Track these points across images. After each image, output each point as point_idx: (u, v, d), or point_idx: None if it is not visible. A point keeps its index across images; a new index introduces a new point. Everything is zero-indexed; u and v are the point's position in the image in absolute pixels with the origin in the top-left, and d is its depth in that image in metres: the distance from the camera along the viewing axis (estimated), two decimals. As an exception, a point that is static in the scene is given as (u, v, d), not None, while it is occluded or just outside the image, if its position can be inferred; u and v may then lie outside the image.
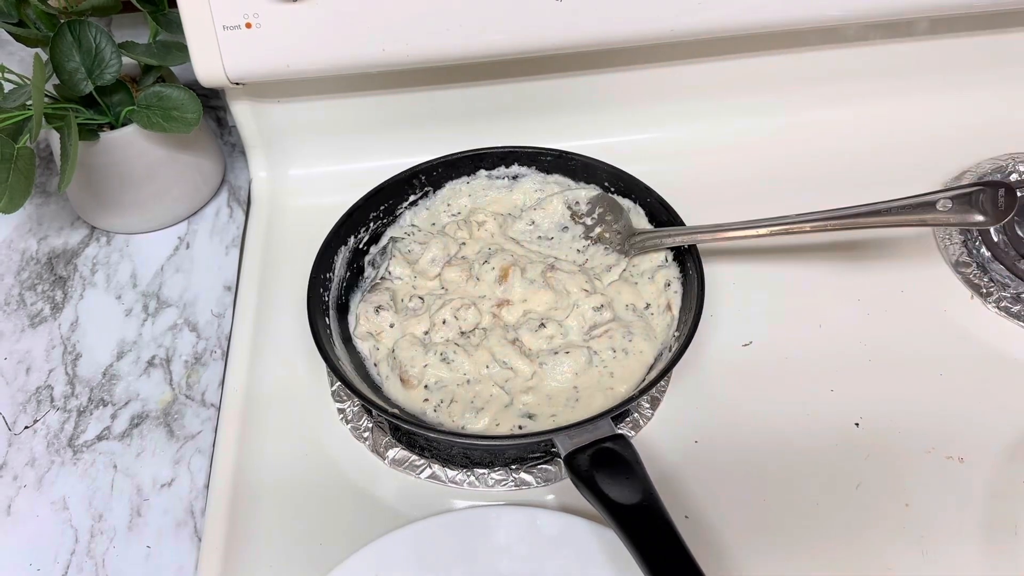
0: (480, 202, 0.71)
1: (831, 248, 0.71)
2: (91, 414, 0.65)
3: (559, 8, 0.65)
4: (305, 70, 0.68)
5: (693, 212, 0.66)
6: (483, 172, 0.71)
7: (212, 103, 0.86)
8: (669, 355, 0.59)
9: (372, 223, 0.69)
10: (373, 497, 0.59)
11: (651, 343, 0.62)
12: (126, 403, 0.66)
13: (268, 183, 0.78)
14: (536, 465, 0.60)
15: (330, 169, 0.78)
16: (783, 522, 0.57)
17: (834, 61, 0.76)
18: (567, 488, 0.56)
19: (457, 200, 0.71)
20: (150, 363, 0.68)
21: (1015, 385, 0.63)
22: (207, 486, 0.61)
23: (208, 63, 0.66)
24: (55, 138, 0.67)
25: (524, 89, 0.75)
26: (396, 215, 0.70)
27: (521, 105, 0.76)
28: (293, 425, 0.63)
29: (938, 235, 0.71)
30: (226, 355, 0.67)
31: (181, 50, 0.70)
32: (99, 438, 0.64)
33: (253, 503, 0.59)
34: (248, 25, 0.65)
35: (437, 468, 0.60)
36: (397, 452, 0.61)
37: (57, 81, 0.67)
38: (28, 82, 0.64)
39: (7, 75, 0.65)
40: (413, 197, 0.70)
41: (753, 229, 0.62)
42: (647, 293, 0.65)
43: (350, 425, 0.63)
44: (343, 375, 0.57)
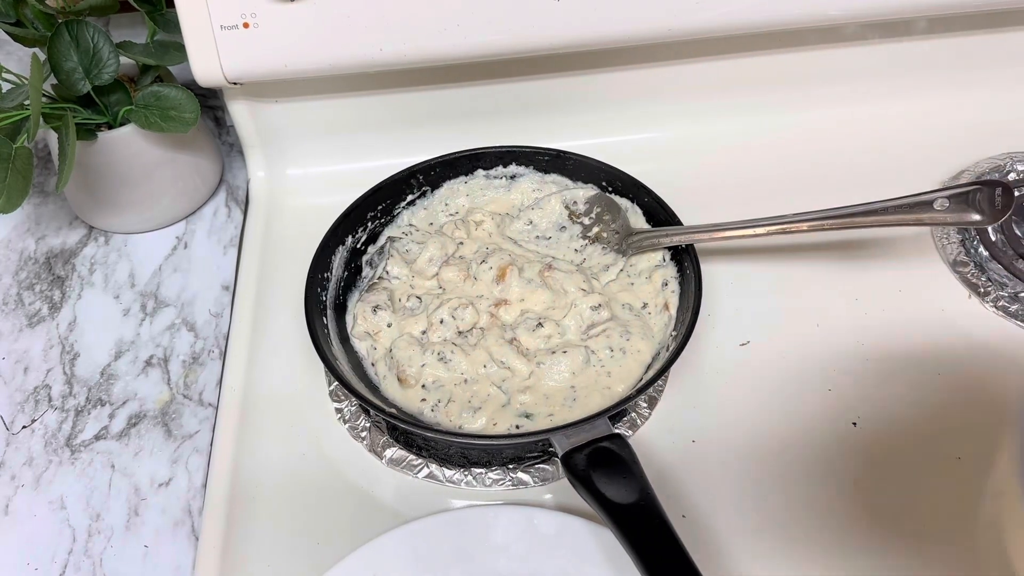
0: (478, 202, 0.71)
1: (828, 247, 0.71)
2: (89, 414, 0.65)
3: (557, 8, 0.65)
4: (303, 70, 0.68)
5: (690, 212, 0.66)
6: (481, 172, 0.71)
7: (210, 103, 0.86)
8: (666, 355, 0.59)
9: (370, 223, 0.69)
10: (370, 496, 0.59)
11: (648, 343, 0.62)
12: (124, 403, 0.66)
13: (266, 183, 0.78)
14: (533, 465, 0.60)
15: (328, 169, 0.78)
16: (780, 522, 0.57)
17: (832, 60, 0.76)
18: (564, 488, 0.56)
19: (455, 200, 0.71)
20: (148, 363, 0.68)
21: (1013, 384, 0.63)
22: (205, 485, 0.61)
23: (206, 63, 0.66)
24: (53, 138, 0.67)
25: (522, 89, 0.75)
26: (394, 215, 0.70)
27: (519, 105, 0.76)
28: (291, 425, 0.63)
29: (936, 234, 0.71)
30: (224, 355, 0.67)
31: (179, 50, 0.70)
32: (97, 438, 0.64)
33: (251, 503, 0.59)
34: (246, 25, 0.65)
35: (434, 467, 0.60)
36: (394, 451, 0.61)
37: (55, 81, 0.67)
38: (26, 82, 0.64)
39: (5, 75, 0.65)
40: (411, 197, 0.70)
41: (750, 228, 0.62)
42: (644, 293, 0.65)
43: (348, 425, 0.63)
44: (340, 375, 0.57)
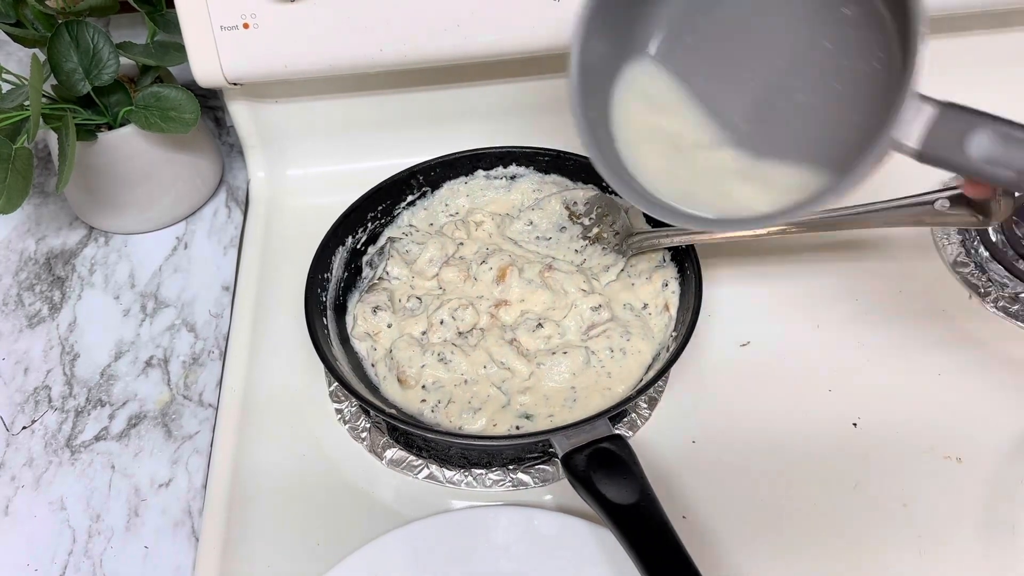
0: (478, 202, 0.71)
1: (829, 248, 0.71)
2: (89, 414, 0.65)
3: (557, 8, 0.65)
4: (303, 70, 0.68)
5: (691, 212, 0.66)
6: (481, 172, 0.71)
7: (210, 103, 0.86)
8: (667, 355, 0.59)
9: (370, 223, 0.69)
10: (371, 497, 0.59)
11: (649, 343, 0.62)
12: (124, 403, 0.66)
13: (266, 183, 0.78)
14: (533, 465, 0.60)
15: (328, 169, 0.78)
16: (781, 522, 0.57)
17: (832, 61, 0.76)
18: (564, 488, 0.56)
19: (455, 200, 0.71)
20: (148, 363, 0.68)
21: (1013, 385, 0.63)
22: (205, 486, 0.61)
23: (206, 63, 0.66)
24: (53, 138, 0.67)
25: (522, 89, 0.75)
26: (394, 215, 0.70)
27: (519, 105, 0.76)
28: (291, 425, 0.63)
29: (936, 235, 0.71)
30: (224, 355, 0.67)
31: (179, 50, 0.70)
32: (97, 438, 0.64)
33: (251, 503, 0.59)
34: (246, 25, 0.65)
35: (435, 468, 0.60)
36: (395, 452, 0.61)
37: (55, 81, 0.67)
38: (26, 82, 0.64)
39: (5, 75, 0.65)
40: (411, 197, 0.70)
41: (751, 229, 0.62)
42: (645, 293, 0.65)
43: (348, 425, 0.62)
44: (341, 375, 0.57)
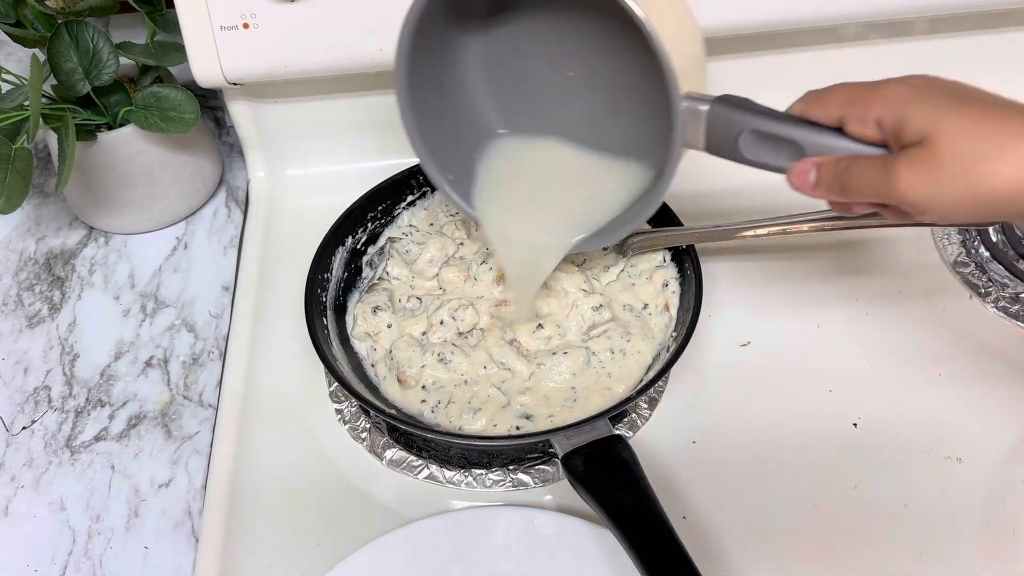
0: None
1: (829, 248, 0.71)
2: (89, 415, 0.65)
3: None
4: (303, 70, 0.68)
5: (691, 212, 0.66)
6: (481, 172, 0.71)
7: (210, 103, 0.86)
8: (667, 355, 0.59)
9: (370, 223, 0.69)
10: (371, 497, 0.59)
11: (649, 343, 0.62)
12: (124, 404, 0.66)
13: (266, 183, 0.78)
14: (534, 466, 0.60)
15: (328, 169, 0.78)
16: (781, 523, 0.57)
17: (832, 60, 0.76)
18: (564, 489, 0.56)
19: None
20: (148, 363, 0.68)
21: (1014, 385, 0.62)
22: (205, 486, 0.60)
23: (206, 63, 0.66)
24: (53, 138, 0.67)
25: (522, 89, 0.75)
26: (394, 215, 0.70)
27: (519, 105, 0.76)
28: (291, 426, 0.63)
29: (936, 235, 0.71)
30: (224, 356, 0.67)
31: (179, 50, 0.70)
32: (97, 439, 0.64)
33: (250, 504, 0.59)
34: (246, 25, 0.64)
35: (435, 468, 0.60)
36: (395, 453, 0.61)
37: (55, 81, 0.67)
38: (25, 82, 0.64)
39: (5, 75, 0.65)
40: (411, 197, 0.70)
41: (751, 229, 0.62)
42: (645, 293, 0.65)
43: (348, 426, 0.62)
44: (341, 376, 0.57)
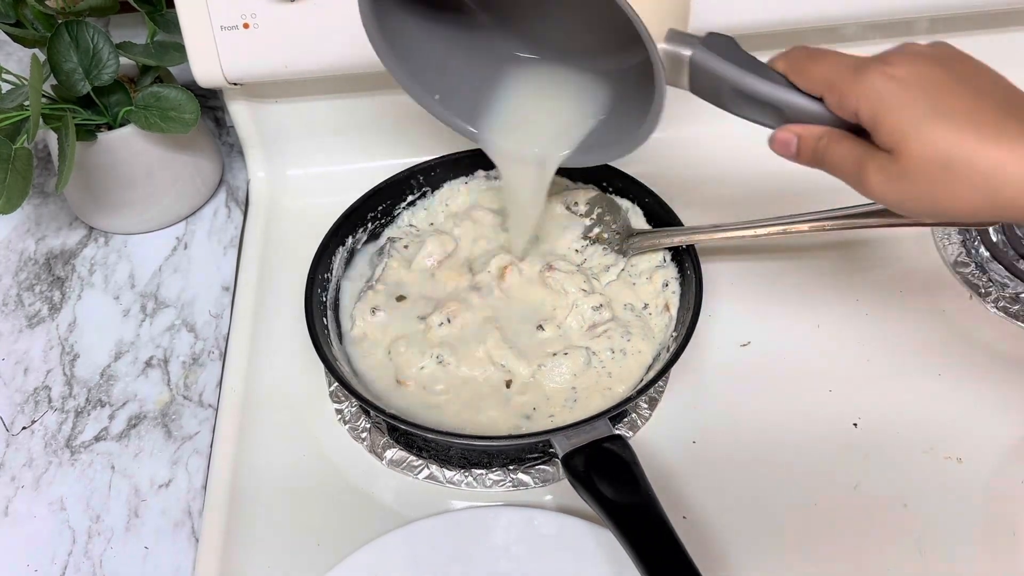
0: (478, 201, 0.71)
1: (829, 248, 0.71)
2: (89, 415, 0.65)
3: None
4: (303, 70, 0.68)
5: (691, 212, 0.66)
6: (481, 172, 0.71)
7: (210, 103, 0.86)
8: (667, 355, 0.59)
9: (370, 223, 0.69)
10: (371, 497, 0.59)
11: (649, 343, 0.62)
12: (124, 404, 0.66)
13: (266, 183, 0.78)
14: (534, 466, 0.60)
15: (328, 169, 0.78)
16: (781, 523, 0.57)
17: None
18: (565, 489, 0.56)
19: (455, 200, 0.71)
20: (148, 364, 0.68)
21: (1014, 385, 0.62)
22: (205, 487, 0.60)
23: (206, 63, 0.66)
24: (53, 138, 0.67)
25: (522, 89, 0.75)
26: (394, 215, 0.70)
27: (519, 105, 0.76)
28: (291, 426, 0.63)
29: (936, 235, 0.71)
30: (224, 356, 0.67)
31: (179, 50, 0.70)
32: (97, 439, 0.64)
33: (251, 504, 0.59)
34: (246, 25, 0.64)
35: (435, 468, 0.60)
36: (395, 452, 0.61)
37: (55, 81, 0.67)
38: (26, 82, 0.64)
39: (5, 75, 0.65)
40: (411, 197, 0.70)
41: (751, 229, 0.62)
42: (645, 293, 0.65)
43: (348, 426, 0.62)
44: (341, 376, 0.57)
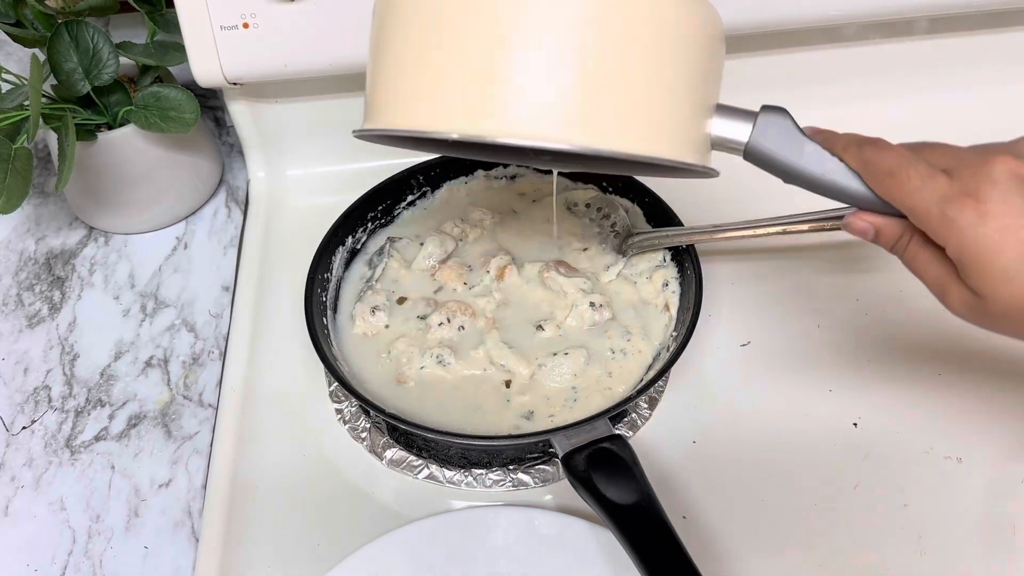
0: (478, 201, 0.71)
1: (829, 248, 0.71)
2: (89, 414, 0.65)
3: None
4: (303, 70, 0.68)
5: (691, 212, 0.66)
6: (481, 172, 0.71)
7: (210, 103, 0.86)
8: (667, 355, 0.59)
9: (370, 223, 0.69)
10: (371, 497, 0.59)
11: (649, 343, 0.62)
12: (124, 403, 0.66)
13: (266, 183, 0.78)
14: (534, 465, 0.60)
15: (328, 169, 0.78)
16: (781, 522, 0.57)
17: (833, 60, 0.76)
18: (565, 488, 0.56)
19: (455, 200, 0.71)
20: (148, 363, 0.68)
21: (1013, 385, 0.62)
22: (205, 486, 0.60)
23: (206, 63, 0.66)
24: (53, 138, 0.67)
25: (522, 89, 0.75)
26: (394, 215, 0.70)
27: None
28: (291, 425, 0.63)
29: (937, 235, 0.71)
30: (224, 355, 0.67)
31: (179, 50, 0.70)
32: (97, 438, 0.64)
33: (251, 503, 0.59)
34: (246, 25, 0.64)
35: (435, 468, 0.60)
36: (395, 452, 0.61)
37: (55, 81, 0.67)
38: (25, 82, 0.64)
39: (4, 75, 0.65)
40: (411, 197, 0.70)
41: (751, 229, 0.62)
42: (645, 293, 0.65)
43: (348, 425, 0.62)
44: (341, 376, 0.57)
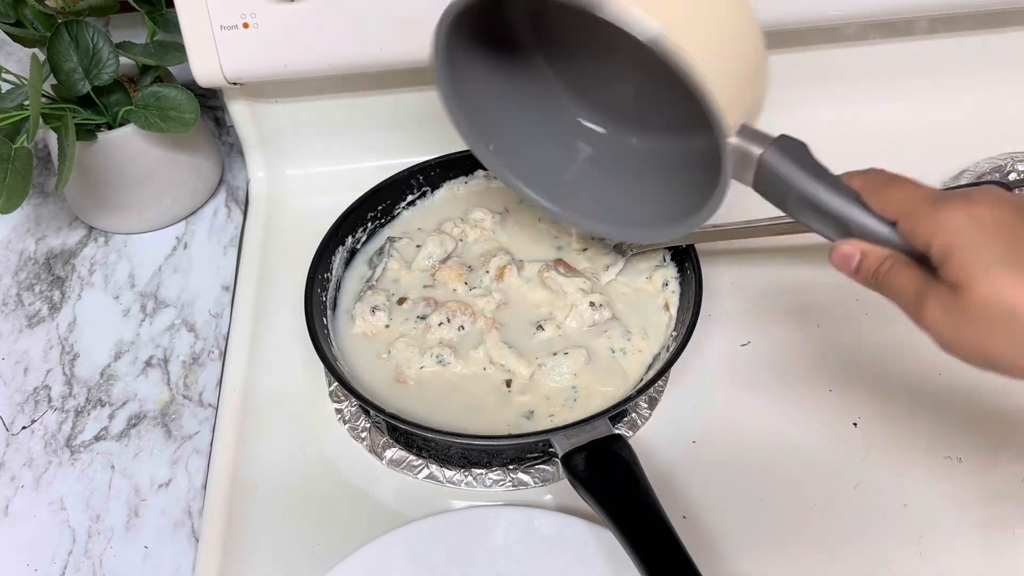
0: (478, 201, 0.71)
1: (829, 248, 0.71)
2: (89, 414, 0.65)
3: (557, 8, 0.65)
4: (303, 70, 0.68)
5: (691, 212, 0.66)
6: (481, 172, 0.71)
7: (210, 103, 0.86)
8: (667, 355, 0.59)
9: (370, 223, 0.69)
10: (371, 497, 0.59)
11: (649, 343, 0.62)
12: (124, 403, 0.66)
13: (266, 183, 0.78)
14: (534, 465, 0.60)
15: (328, 169, 0.78)
16: (781, 522, 0.57)
17: (832, 60, 0.76)
18: (565, 488, 0.56)
19: (455, 200, 0.71)
20: (148, 363, 0.68)
21: (1013, 385, 0.62)
22: (205, 486, 0.60)
23: (206, 63, 0.66)
24: (53, 138, 0.67)
25: (522, 89, 0.75)
26: (394, 215, 0.70)
27: (519, 105, 0.76)
28: (291, 425, 0.63)
29: (936, 235, 0.71)
30: (224, 355, 0.67)
31: (179, 50, 0.70)
32: (97, 438, 0.64)
33: (250, 503, 0.59)
34: (246, 25, 0.64)
35: (435, 468, 0.60)
36: (395, 452, 0.61)
37: (55, 81, 0.67)
38: (25, 82, 0.64)
39: (5, 75, 0.65)
40: (411, 197, 0.70)
41: (751, 229, 0.62)
42: (645, 293, 0.65)
43: (348, 425, 0.62)
44: (341, 375, 0.57)
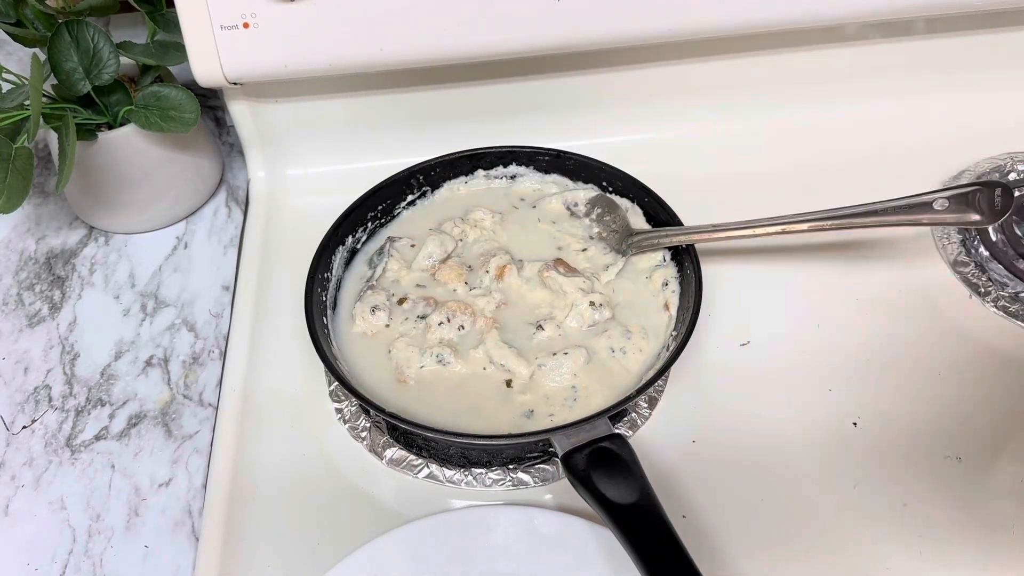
0: (478, 201, 0.71)
1: (829, 248, 0.71)
2: (89, 414, 0.65)
3: (558, 8, 0.65)
4: (303, 70, 0.68)
5: (691, 212, 0.66)
6: (481, 172, 0.71)
7: (210, 103, 0.86)
8: (667, 355, 0.59)
9: (370, 223, 0.69)
10: (371, 497, 0.59)
11: (649, 342, 0.62)
12: (124, 403, 0.66)
13: (266, 183, 0.78)
14: (534, 465, 0.60)
15: (328, 169, 0.78)
16: (781, 522, 0.57)
17: (832, 60, 0.76)
18: (565, 488, 0.56)
19: (455, 200, 0.71)
20: (148, 363, 0.68)
21: (1013, 384, 0.63)
22: (205, 486, 0.61)
23: (206, 63, 0.66)
24: (53, 138, 0.67)
25: (522, 89, 0.75)
26: (394, 215, 0.70)
27: (519, 105, 0.76)
28: (291, 425, 0.63)
29: (936, 235, 0.71)
30: (224, 355, 0.67)
31: (179, 50, 0.70)
32: (97, 438, 0.64)
33: (251, 503, 0.59)
34: (246, 25, 0.65)
35: (435, 468, 0.60)
36: (395, 452, 0.61)
37: (55, 81, 0.67)
38: (26, 82, 0.64)
39: (5, 75, 0.65)
40: (411, 197, 0.70)
41: (750, 229, 0.62)
42: (645, 292, 0.65)
43: (348, 425, 0.62)
44: (341, 375, 0.57)
